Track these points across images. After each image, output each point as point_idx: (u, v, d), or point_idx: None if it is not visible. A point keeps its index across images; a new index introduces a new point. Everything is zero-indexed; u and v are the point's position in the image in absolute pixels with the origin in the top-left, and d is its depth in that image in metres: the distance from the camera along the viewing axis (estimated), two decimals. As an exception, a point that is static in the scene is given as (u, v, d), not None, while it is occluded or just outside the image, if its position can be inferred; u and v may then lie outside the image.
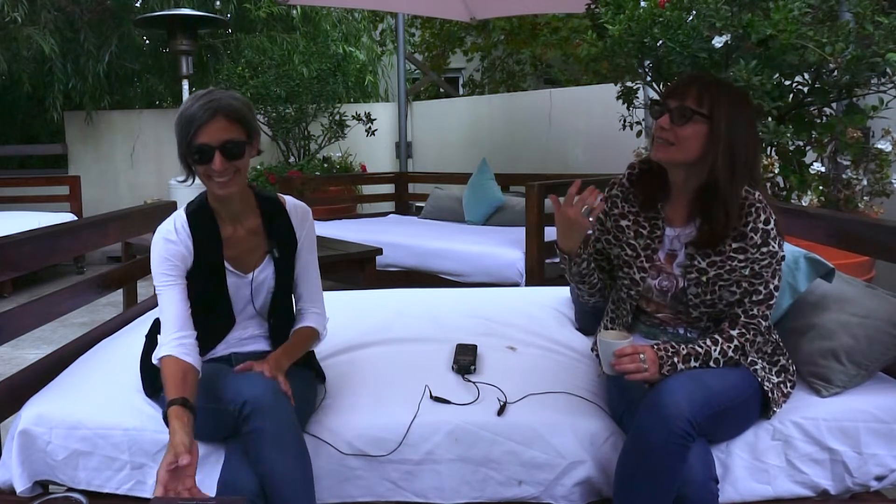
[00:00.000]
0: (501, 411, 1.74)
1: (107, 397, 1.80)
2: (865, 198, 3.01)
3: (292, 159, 6.71)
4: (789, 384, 1.74)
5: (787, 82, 3.01)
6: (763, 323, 1.64)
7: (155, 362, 1.62)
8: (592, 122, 5.72)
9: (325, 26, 7.37)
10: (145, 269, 1.67)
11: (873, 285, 2.01)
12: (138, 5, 6.97)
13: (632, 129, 3.79)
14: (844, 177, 3.05)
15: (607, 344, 1.59)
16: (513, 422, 1.71)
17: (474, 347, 2.07)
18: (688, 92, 1.58)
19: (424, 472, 1.68)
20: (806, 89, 3.00)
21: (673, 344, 1.61)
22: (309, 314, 1.85)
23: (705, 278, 1.64)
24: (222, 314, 1.76)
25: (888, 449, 1.70)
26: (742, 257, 1.62)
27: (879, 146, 2.97)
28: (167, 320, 1.63)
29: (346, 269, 3.85)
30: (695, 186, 1.65)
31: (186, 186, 1.72)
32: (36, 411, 1.75)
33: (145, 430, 1.69)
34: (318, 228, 4.66)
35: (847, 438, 1.70)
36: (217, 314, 1.75)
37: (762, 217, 1.60)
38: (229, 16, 7.21)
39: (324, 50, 6.86)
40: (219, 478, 1.53)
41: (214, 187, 1.64)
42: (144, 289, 1.77)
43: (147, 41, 7.45)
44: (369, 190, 6.70)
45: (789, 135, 2.89)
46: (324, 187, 6.08)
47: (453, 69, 10.81)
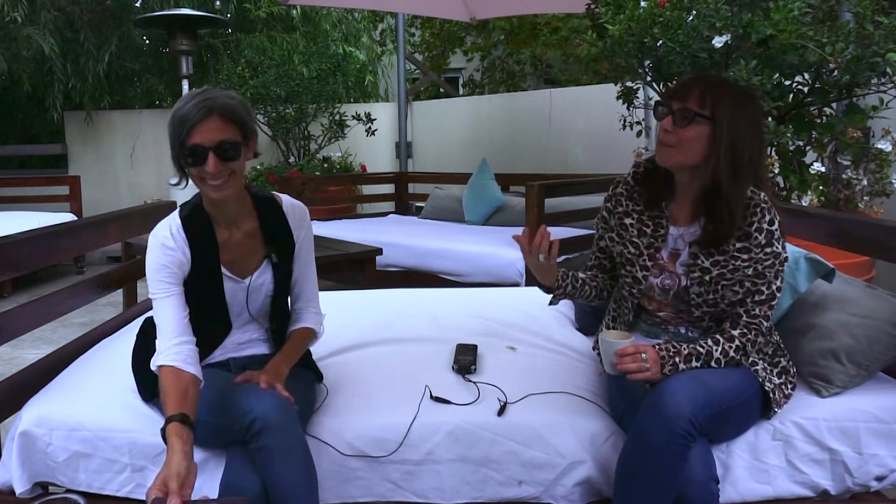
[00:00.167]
0: (501, 411, 1.73)
1: (107, 398, 1.80)
2: (865, 198, 3.01)
3: (292, 159, 6.71)
4: (790, 385, 1.74)
5: (787, 82, 3.01)
6: (765, 323, 1.64)
7: (153, 369, 1.56)
8: (592, 122, 5.72)
9: (325, 26, 7.37)
10: (145, 269, 1.67)
11: (873, 285, 2.01)
12: (138, 5, 6.97)
13: (632, 129, 3.79)
14: (844, 177, 3.05)
15: (609, 343, 1.59)
16: (513, 422, 1.71)
17: (474, 347, 2.07)
18: (690, 93, 1.58)
19: (425, 472, 1.68)
20: (806, 89, 3.00)
21: (675, 344, 1.61)
22: (305, 314, 1.83)
23: (708, 277, 1.64)
24: (219, 320, 1.72)
25: (888, 449, 1.70)
26: (745, 257, 1.61)
27: (879, 146, 2.97)
28: (165, 327, 1.57)
29: (346, 269, 3.85)
30: (699, 187, 1.65)
31: (180, 189, 1.65)
32: (36, 412, 1.75)
33: (146, 433, 1.68)
34: (318, 228, 4.70)
35: (847, 438, 1.70)
36: (213, 320, 1.72)
37: (766, 217, 1.60)
38: (229, 16, 7.20)
39: (324, 50, 6.86)
40: (221, 480, 1.52)
41: (208, 190, 1.57)
42: (144, 289, 1.76)
43: (147, 41, 7.44)
44: (369, 190, 6.69)
45: (789, 135, 2.89)
46: (324, 187, 6.08)
47: (453, 69, 10.80)
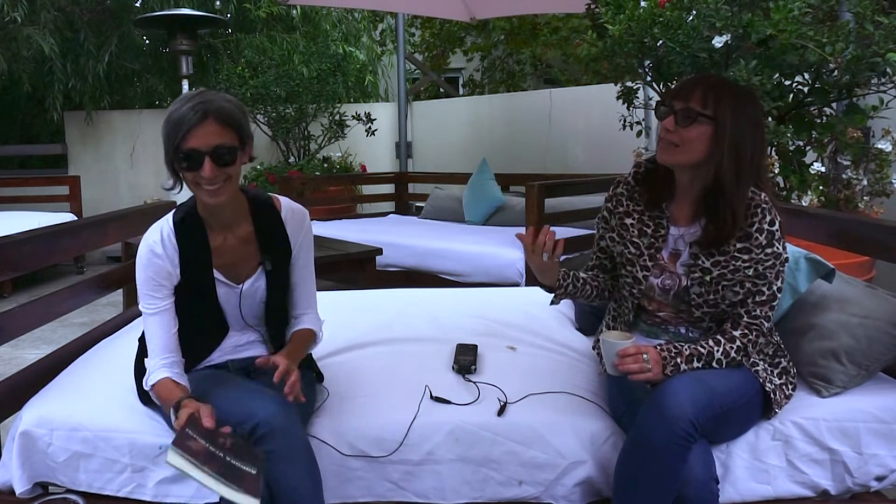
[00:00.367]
0: (502, 411, 1.73)
1: (107, 398, 1.80)
2: (865, 198, 3.01)
3: (292, 159, 6.71)
4: (790, 386, 1.74)
5: (787, 82, 3.01)
6: (765, 324, 1.64)
7: (147, 388, 1.61)
8: (592, 122, 5.72)
9: (325, 26, 7.37)
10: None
11: (873, 285, 2.01)
12: (138, 5, 6.97)
13: (632, 129, 3.78)
14: (844, 177, 3.05)
15: (610, 344, 1.59)
16: (513, 422, 1.71)
17: (474, 347, 2.07)
18: (692, 93, 1.58)
19: (425, 472, 1.68)
20: (806, 89, 3.00)
21: (676, 344, 1.61)
22: (304, 318, 1.81)
23: (709, 278, 1.64)
24: (214, 323, 1.72)
25: (888, 449, 1.70)
26: (746, 258, 1.61)
27: (879, 146, 2.97)
28: (154, 343, 1.61)
29: (346, 269, 3.84)
30: (700, 187, 1.65)
31: (175, 194, 1.64)
32: (37, 413, 1.75)
33: (146, 433, 1.69)
34: (318, 228, 4.70)
35: (847, 439, 1.70)
36: (209, 323, 1.71)
37: (767, 218, 1.60)
38: (229, 16, 7.20)
39: (324, 50, 6.85)
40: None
41: (203, 195, 1.55)
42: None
43: (147, 41, 7.44)
44: (369, 190, 6.69)
45: (789, 135, 2.89)
46: (324, 187, 6.08)
47: (453, 69, 10.80)
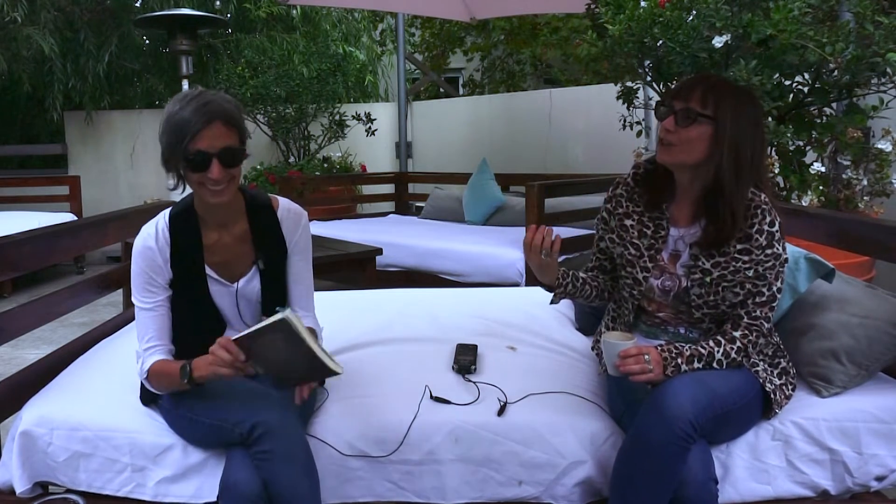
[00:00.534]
0: (501, 411, 1.73)
1: (107, 398, 1.80)
2: (865, 198, 3.01)
3: (292, 159, 6.71)
4: (790, 386, 1.74)
5: (787, 82, 3.01)
6: (765, 324, 1.64)
7: (142, 378, 1.64)
8: (592, 122, 5.72)
9: (325, 26, 7.37)
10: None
11: (873, 285, 2.01)
12: (138, 5, 6.97)
13: (632, 129, 3.78)
14: (844, 177, 3.05)
15: (611, 345, 1.59)
16: (513, 422, 1.71)
17: (474, 347, 2.07)
18: (692, 93, 1.58)
19: (425, 472, 1.68)
20: (806, 89, 3.00)
21: (677, 345, 1.61)
22: (303, 321, 1.81)
23: (709, 279, 1.64)
24: (211, 322, 1.72)
25: (888, 449, 1.70)
26: (746, 258, 1.61)
27: (879, 146, 2.97)
28: (148, 335, 1.64)
29: (346, 269, 3.84)
30: (700, 187, 1.65)
31: (180, 194, 1.66)
32: (37, 412, 1.75)
33: (146, 433, 1.69)
34: (319, 228, 4.71)
35: (847, 439, 1.70)
36: (205, 322, 1.71)
37: (767, 219, 1.60)
38: (229, 16, 7.21)
39: (324, 50, 6.85)
40: (220, 479, 1.52)
41: (208, 195, 1.57)
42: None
43: (147, 41, 7.44)
44: (369, 190, 6.69)
45: (789, 135, 2.89)
46: (324, 187, 6.08)
47: (453, 69, 10.80)
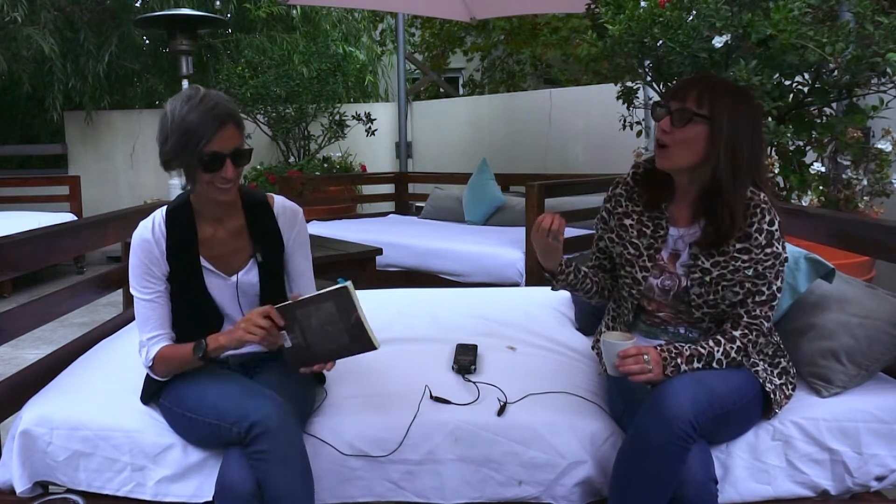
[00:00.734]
0: (501, 411, 1.73)
1: (107, 398, 1.80)
2: (865, 198, 3.01)
3: (292, 159, 6.71)
4: (790, 386, 1.74)
5: (787, 82, 3.01)
6: (765, 324, 1.64)
7: (147, 366, 1.66)
8: (592, 122, 5.72)
9: (325, 26, 7.37)
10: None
11: (873, 285, 2.01)
12: (138, 5, 6.97)
13: (632, 129, 3.79)
14: (844, 177, 3.05)
15: (611, 345, 1.59)
16: (513, 422, 1.71)
17: (474, 347, 2.07)
18: (688, 93, 1.58)
19: (425, 472, 1.68)
20: (806, 89, 3.00)
21: (676, 345, 1.61)
22: None
23: (709, 278, 1.64)
24: (210, 315, 1.73)
25: (888, 449, 1.70)
26: (746, 258, 1.61)
27: (879, 146, 2.97)
28: (151, 324, 1.67)
29: (346, 269, 3.84)
30: (698, 188, 1.65)
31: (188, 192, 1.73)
32: (37, 412, 1.75)
33: (146, 433, 1.69)
34: (319, 228, 4.71)
35: (847, 439, 1.70)
36: (204, 316, 1.73)
37: (766, 218, 1.60)
38: (229, 16, 7.20)
39: (324, 50, 6.85)
40: (217, 479, 1.52)
41: (217, 193, 1.62)
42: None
43: (147, 41, 7.44)
44: (369, 190, 6.70)
45: (789, 135, 2.89)
46: (324, 187, 6.08)
47: (453, 69, 10.80)
